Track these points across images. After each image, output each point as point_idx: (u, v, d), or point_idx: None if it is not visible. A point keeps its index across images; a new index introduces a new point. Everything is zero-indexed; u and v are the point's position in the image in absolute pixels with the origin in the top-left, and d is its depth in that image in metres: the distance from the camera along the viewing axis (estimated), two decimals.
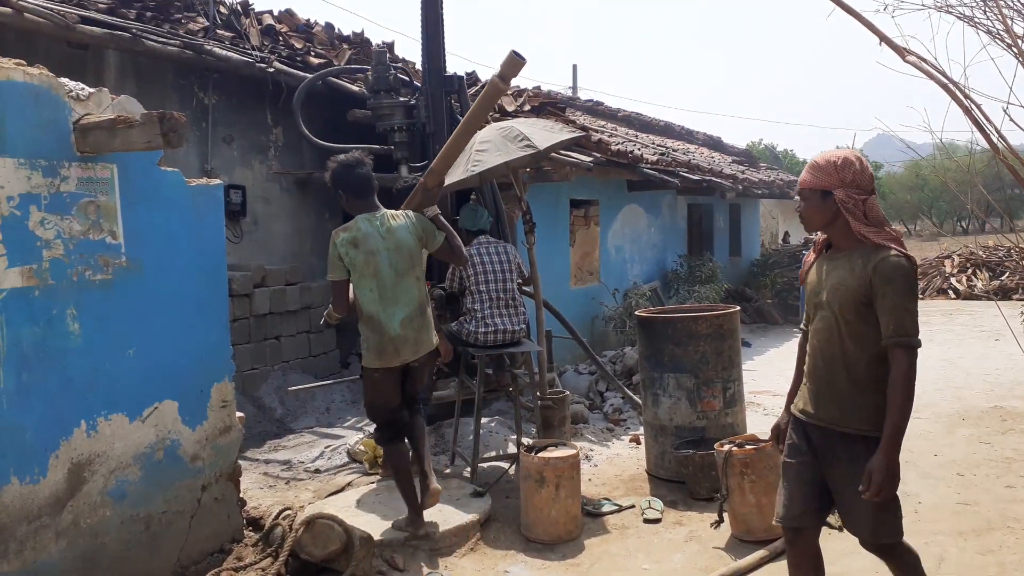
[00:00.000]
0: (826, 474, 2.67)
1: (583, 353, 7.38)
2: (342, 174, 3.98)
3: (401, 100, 6.46)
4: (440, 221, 4.08)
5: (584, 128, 7.91)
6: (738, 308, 5.49)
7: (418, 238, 3.99)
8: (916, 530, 4.26)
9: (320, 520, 3.66)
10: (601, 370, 7.17)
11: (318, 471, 5.41)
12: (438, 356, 4.98)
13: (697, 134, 18.09)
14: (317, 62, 7.53)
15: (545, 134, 5.15)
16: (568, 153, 7.09)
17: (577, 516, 4.36)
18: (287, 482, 5.20)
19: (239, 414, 4.06)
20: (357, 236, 3.90)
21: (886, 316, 2.47)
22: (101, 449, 3.33)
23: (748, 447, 4.29)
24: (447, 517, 4.30)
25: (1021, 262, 14.87)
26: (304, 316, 7.22)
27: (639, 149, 9.67)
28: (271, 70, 6.80)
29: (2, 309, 2.98)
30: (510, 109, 8.03)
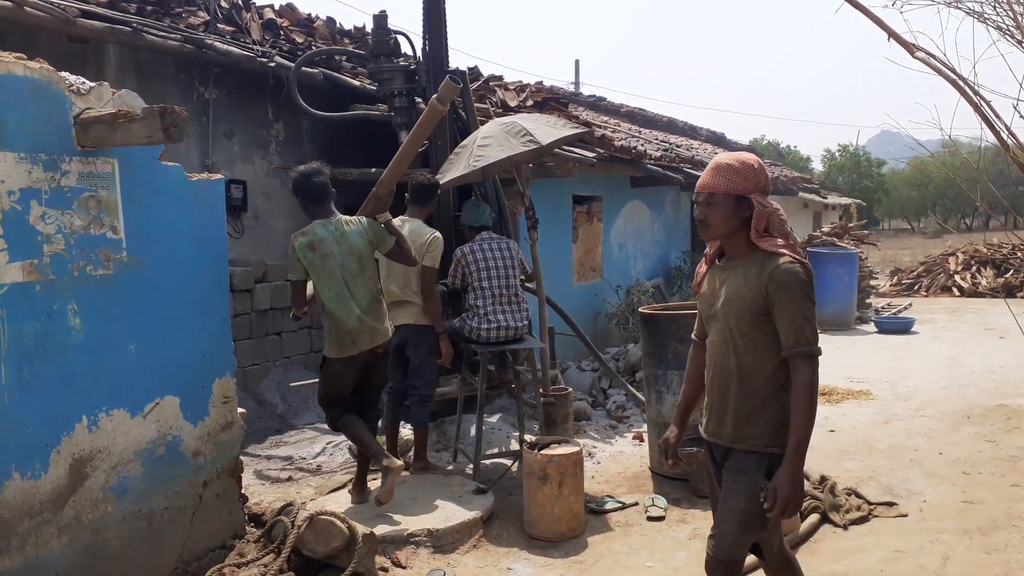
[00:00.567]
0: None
1: (586, 350, 7.36)
2: (300, 182, 4.31)
3: (401, 64, 6.34)
4: (391, 227, 4.43)
5: (587, 124, 7.88)
6: None
7: (369, 242, 4.34)
8: (921, 528, 4.24)
9: (322, 517, 3.64)
10: (604, 367, 7.15)
11: (320, 467, 5.40)
12: (440, 349, 4.98)
13: (701, 130, 18.05)
14: (318, 57, 7.50)
15: (548, 130, 5.12)
16: (571, 149, 7.06)
17: (580, 513, 4.34)
18: (289, 478, 5.19)
19: (240, 410, 4.05)
20: (314, 240, 4.23)
21: (785, 326, 2.37)
22: (103, 445, 3.32)
23: None
24: (450, 514, 4.29)
25: None
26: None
27: (642, 145, 9.64)
28: (272, 64, 6.77)
29: (3, 304, 2.96)
30: (512, 104, 8.00)
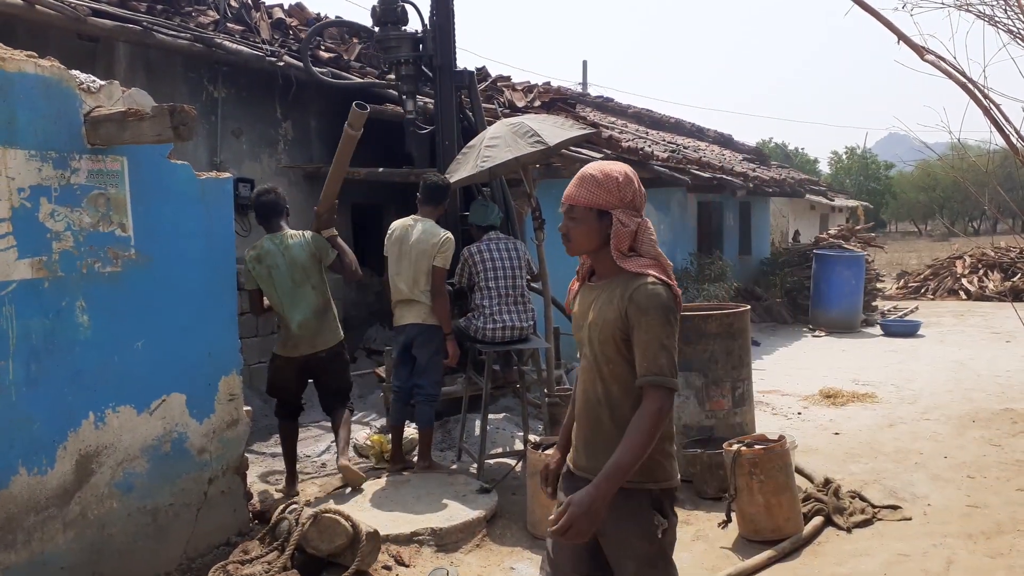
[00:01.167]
0: (598, 533, 2.24)
1: None
2: (254, 200, 4.89)
3: (408, 32, 6.29)
4: (335, 242, 4.80)
5: (594, 125, 7.89)
6: (748, 307, 5.46)
7: (311, 254, 4.69)
8: (925, 532, 4.23)
9: (326, 514, 3.66)
10: None
11: (324, 465, 5.41)
12: (447, 349, 5.00)
13: (708, 131, 18.02)
14: (327, 56, 7.52)
15: (555, 130, 5.13)
16: (578, 150, 7.06)
17: None
18: None
19: (246, 408, 4.07)
20: (261, 253, 4.66)
21: (640, 352, 2.15)
22: (109, 441, 3.34)
23: (757, 447, 4.27)
24: (453, 513, 4.30)
25: None
26: None
27: (649, 146, 9.64)
28: (281, 64, 6.79)
29: (12, 300, 2.99)
30: (520, 105, 8.01)
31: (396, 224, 5.14)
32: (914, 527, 4.32)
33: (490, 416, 5.66)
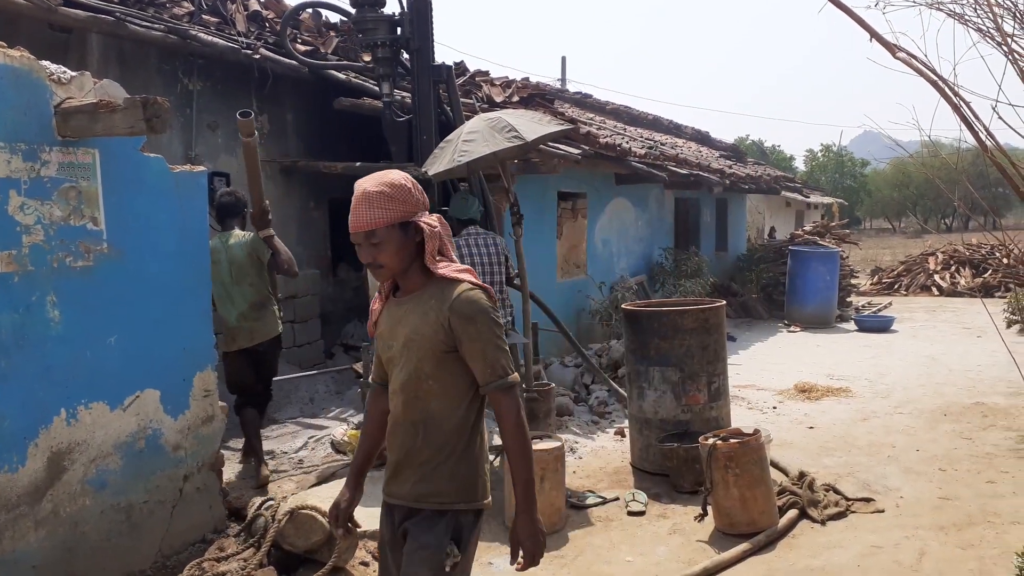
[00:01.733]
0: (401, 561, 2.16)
1: (569, 346, 7.37)
2: (216, 199, 5.14)
3: (385, 15, 6.30)
4: (271, 242, 4.99)
5: (572, 120, 7.89)
6: (724, 302, 5.49)
7: (248, 254, 4.98)
8: (897, 524, 4.29)
9: (303, 511, 3.63)
10: (587, 363, 7.18)
11: (301, 462, 5.38)
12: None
13: (685, 128, 18.10)
14: (304, 49, 7.46)
15: (533, 125, 5.12)
16: (556, 145, 7.06)
17: (561, 508, 4.36)
18: (271, 472, 5.17)
19: (222, 404, 4.03)
20: (210, 251, 4.90)
21: (479, 362, 2.12)
22: (81, 438, 3.29)
23: (732, 441, 4.30)
24: None
25: (1004, 260, 15.02)
26: (288, 306, 7.17)
27: (627, 142, 9.66)
28: (257, 56, 6.72)
29: None
30: (498, 100, 7.99)
31: None
32: (887, 519, 4.38)
33: None
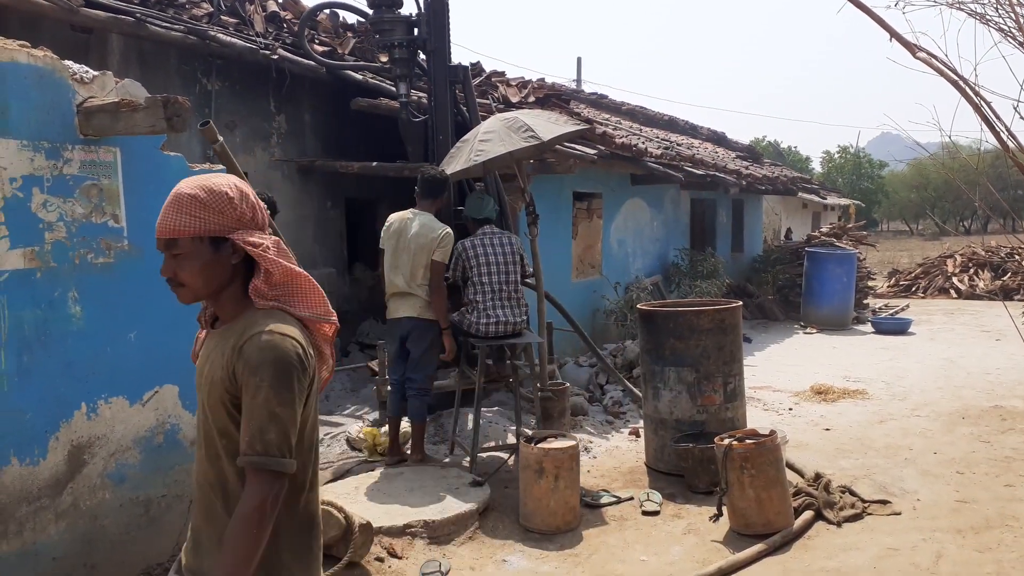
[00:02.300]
0: None
1: (584, 346, 7.37)
2: None
3: (402, 15, 6.33)
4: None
5: (588, 121, 7.89)
6: (740, 303, 5.48)
7: None
8: (914, 526, 4.27)
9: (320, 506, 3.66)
10: (602, 363, 7.17)
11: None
12: (444, 344, 5.02)
13: (701, 129, 18.04)
14: (321, 50, 7.50)
15: (549, 126, 5.13)
16: (572, 145, 7.07)
17: (575, 507, 4.36)
18: None
19: None
20: None
21: (244, 422, 1.64)
22: (101, 432, 3.33)
23: (748, 441, 4.29)
24: (446, 506, 4.31)
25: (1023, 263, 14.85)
26: None
27: (643, 143, 9.65)
28: (275, 57, 6.77)
29: (4, 291, 2.98)
30: (514, 100, 8.00)
31: (394, 217, 5.13)
32: (903, 522, 4.35)
33: (483, 410, 5.68)
